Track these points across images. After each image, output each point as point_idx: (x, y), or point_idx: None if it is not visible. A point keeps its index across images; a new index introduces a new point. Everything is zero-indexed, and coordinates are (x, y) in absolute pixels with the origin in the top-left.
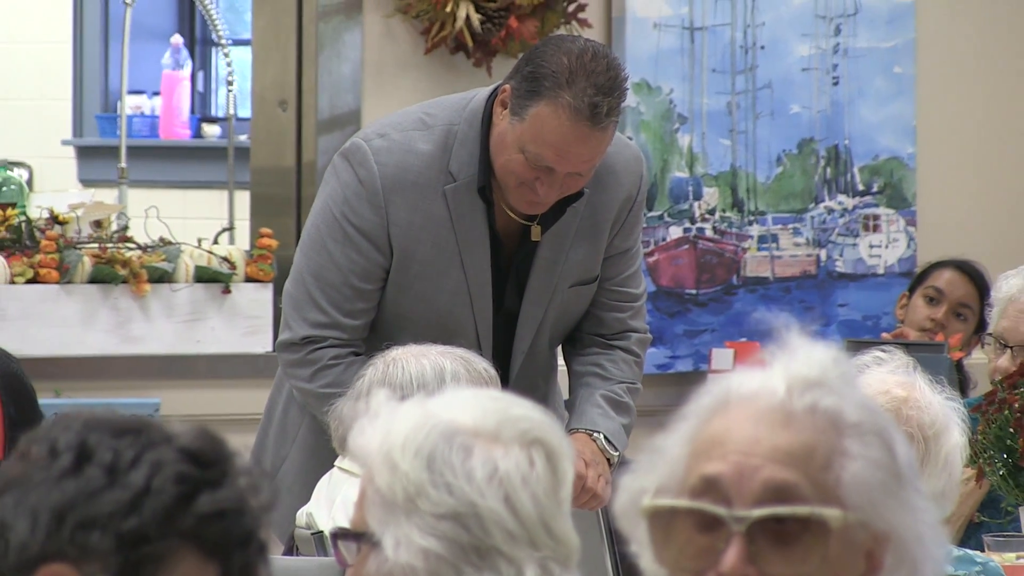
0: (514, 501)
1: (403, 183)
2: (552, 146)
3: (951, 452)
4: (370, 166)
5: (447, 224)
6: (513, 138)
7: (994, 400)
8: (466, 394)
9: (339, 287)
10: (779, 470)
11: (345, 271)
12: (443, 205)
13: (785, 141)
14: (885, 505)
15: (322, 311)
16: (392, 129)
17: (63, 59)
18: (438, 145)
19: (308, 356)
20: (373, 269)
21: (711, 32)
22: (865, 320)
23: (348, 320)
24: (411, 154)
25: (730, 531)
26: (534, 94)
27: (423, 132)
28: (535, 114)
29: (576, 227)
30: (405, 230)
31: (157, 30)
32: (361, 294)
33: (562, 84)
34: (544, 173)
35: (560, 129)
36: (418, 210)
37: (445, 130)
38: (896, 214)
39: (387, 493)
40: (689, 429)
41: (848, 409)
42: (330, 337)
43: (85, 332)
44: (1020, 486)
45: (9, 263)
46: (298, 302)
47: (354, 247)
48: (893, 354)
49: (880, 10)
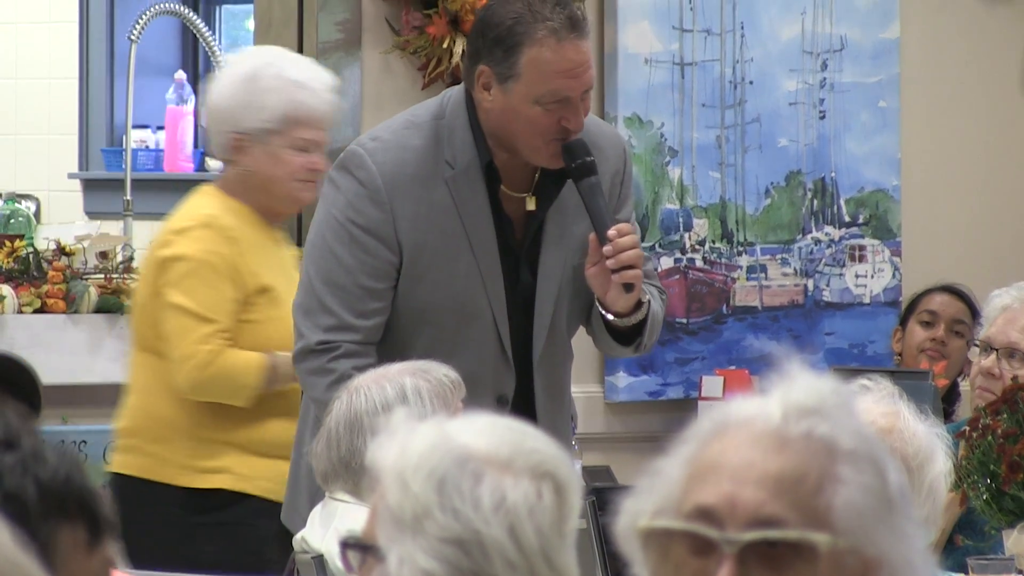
0: (518, 532)
1: (403, 177)
2: (559, 74)
3: (935, 480)
4: (368, 166)
5: (452, 211)
6: (519, 99)
7: (977, 426)
8: (486, 420)
9: (350, 288)
10: (770, 494)
11: (355, 272)
12: (446, 193)
13: (773, 174)
14: (876, 531)
15: (333, 315)
16: (382, 132)
17: (70, 94)
18: (429, 139)
19: (327, 365)
20: (382, 267)
21: (701, 68)
22: (851, 348)
23: (360, 321)
24: (406, 150)
25: (722, 554)
26: (513, 49)
27: (412, 130)
28: (527, 62)
29: (575, 201)
30: (412, 223)
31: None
32: (372, 293)
33: (531, 22)
34: (564, 108)
35: (556, 56)
36: (422, 202)
37: (433, 124)
38: (881, 245)
39: (396, 511)
40: (687, 452)
41: (843, 437)
42: (344, 341)
43: (91, 360)
44: (1003, 510)
45: (17, 293)
46: (309, 310)
47: (361, 247)
48: (878, 382)
49: (865, 46)
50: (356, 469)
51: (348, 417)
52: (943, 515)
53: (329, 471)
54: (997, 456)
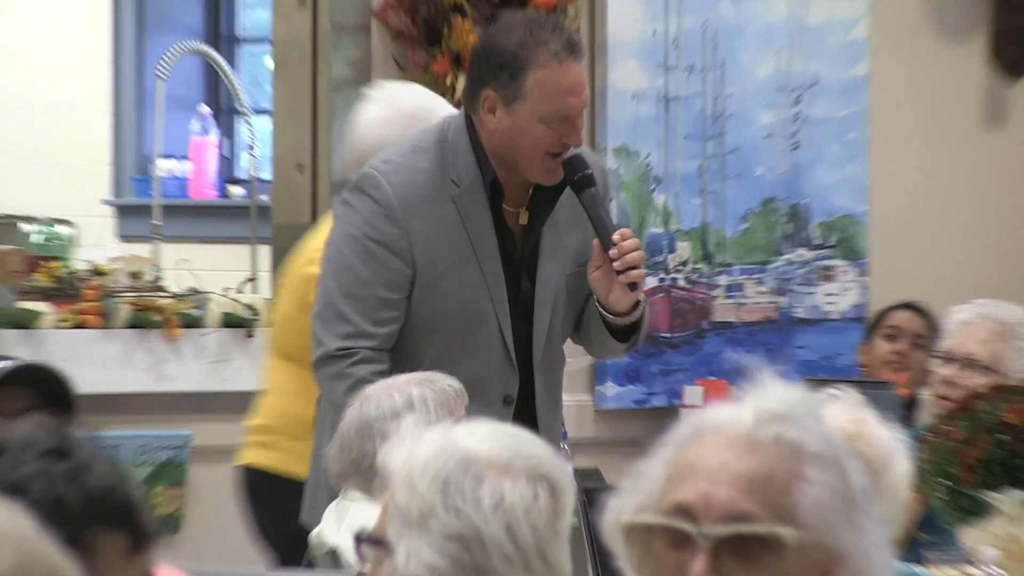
0: (515, 529)
1: (414, 196)
2: (564, 93)
3: (897, 481)
4: (383, 187)
5: (459, 226)
6: (525, 118)
7: (937, 432)
8: (487, 427)
9: (366, 298)
10: (742, 493)
11: (371, 283)
12: (453, 210)
13: (750, 200)
14: (838, 526)
15: (351, 323)
16: (392, 155)
17: (103, 127)
18: (435, 161)
19: (346, 370)
20: (396, 278)
21: (684, 102)
22: (821, 360)
23: (376, 328)
24: (415, 171)
25: (698, 547)
26: (519, 72)
27: (419, 153)
28: (532, 84)
29: (565, 216)
30: (424, 238)
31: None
32: (386, 303)
33: (534, 47)
34: (566, 125)
35: (559, 77)
36: (432, 218)
37: (438, 147)
38: (850, 265)
39: (404, 510)
40: (668, 455)
41: (809, 441)
42: (361, 348)
43: (123, 372)
44: (960, 508)
45: (55, 310)
46: (327, 319)
47: (377, 260)
48: (845, 392)
49: (836, 83)
50: (366, 470)
51: (359, 423)
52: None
53: (342, 472)
54: (955, 459)
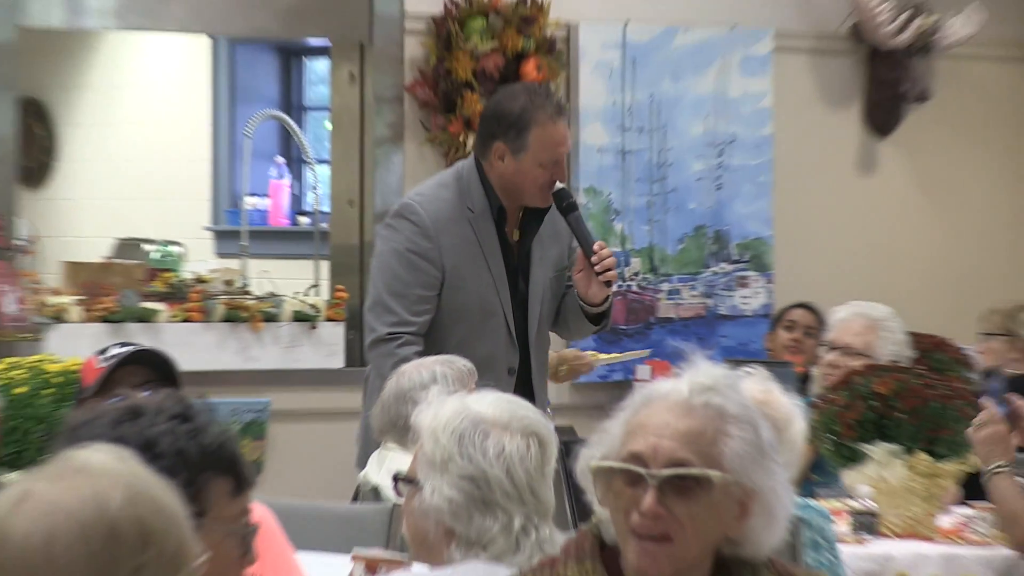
0: (512, 472)
1: (443, 219)
2: (557, 144)
3: (796, 436)
4: (419, 212)
5: (475, 241)
6: (528, 164)
7: (824, 399)
8: (493, 395)
9: (407, 295)
10: (680, 445)
11: (411, 284)
12: (470, 230)
13: (686, 227)
14: (752, 470)
15: (396, 314)
16: (423, 189)
17: (204, 172)
18: (455, 193)
19: (393, 350)
20: (430, 280)
21: (636, 154)
22: (738, 346)
23: (415, 318)
24: (442, 201)
25: (648, 485)
26: (524, 130)
27: (443, 188)
28: (534, 138)
29: (546, 234)
30: (451, 250)
31: (266, 153)
32: (423, 299)
33: (534, 110)
34: (556, 167)
35: (553, 132)
36: (455, 235)
37: (456, 183)
38: (759, 275)
39: (430, 456)
40: (625, 416)
41: (731, 406)
42: (404, 333)
43: (219, 354)
44: (842, 457)
45: (169, 309)
46: (377, 312)
47: (415, 267)
48: (757, 370)
49: (749, 139)
50: (401, 427)
51: (396, 391)
52: (801, 460)
53: (382, 428)
54: (838, 420)
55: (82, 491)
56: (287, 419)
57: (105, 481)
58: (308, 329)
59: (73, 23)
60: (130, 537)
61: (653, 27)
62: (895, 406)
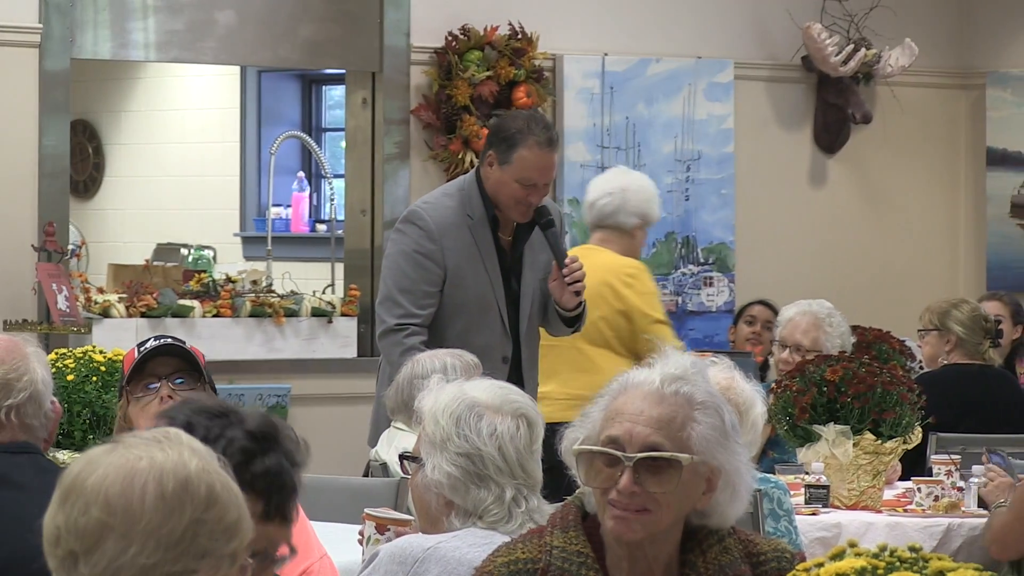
0: (504, 450)
1: (446, 224)
2: (534, 169)
3: (756, 419)
4: (425, 218)
5: (473, 245)
6: (508, 177)
7: (781, 386)
8: (487, 382)
9: (414, 291)
10: (653, 430)
11: (418, 281)
12: (469, 234)
13: (658, 233)
14: (718, 451)
15: (403, 307)
16: (429, 198)
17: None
18: (457, 202)
19: (401, 340)
20: (434, 278)
21: None
22: (705, 339)
23: (420, 311)
24: (445, 209)
25: (624, 466)
26: (512, 147)
27: (447, 197)
28: (518, 157)
29: (537, 241)
30: (453, 252)
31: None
32: (428, 294)
33: (527, 133)
34: (530, 189)
35: (536, 158)
36: (457, 239)
37: (458, 193)
38: (723, 276)
39: (431, 436)
40: (604, 403)
41: (698, 394)
42: (410, 324)
43: (247, 346)
44: (797, 436)
45: (203, 305)
46: (387, 306)
47: (421, 267)
48: (721, 359)
49: (713, 157)
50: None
51: (409, 376)
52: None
53: (395, 407)
54: (793, 404)
55: (166, 449)
56: (306, 403)
57: (187, 450)
58: (325, 323)
59: (120, 55)
60: (200, 493)
61: (629, 58)
62: (844, 391)
